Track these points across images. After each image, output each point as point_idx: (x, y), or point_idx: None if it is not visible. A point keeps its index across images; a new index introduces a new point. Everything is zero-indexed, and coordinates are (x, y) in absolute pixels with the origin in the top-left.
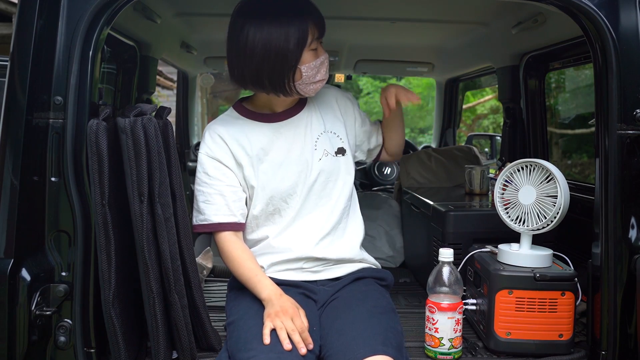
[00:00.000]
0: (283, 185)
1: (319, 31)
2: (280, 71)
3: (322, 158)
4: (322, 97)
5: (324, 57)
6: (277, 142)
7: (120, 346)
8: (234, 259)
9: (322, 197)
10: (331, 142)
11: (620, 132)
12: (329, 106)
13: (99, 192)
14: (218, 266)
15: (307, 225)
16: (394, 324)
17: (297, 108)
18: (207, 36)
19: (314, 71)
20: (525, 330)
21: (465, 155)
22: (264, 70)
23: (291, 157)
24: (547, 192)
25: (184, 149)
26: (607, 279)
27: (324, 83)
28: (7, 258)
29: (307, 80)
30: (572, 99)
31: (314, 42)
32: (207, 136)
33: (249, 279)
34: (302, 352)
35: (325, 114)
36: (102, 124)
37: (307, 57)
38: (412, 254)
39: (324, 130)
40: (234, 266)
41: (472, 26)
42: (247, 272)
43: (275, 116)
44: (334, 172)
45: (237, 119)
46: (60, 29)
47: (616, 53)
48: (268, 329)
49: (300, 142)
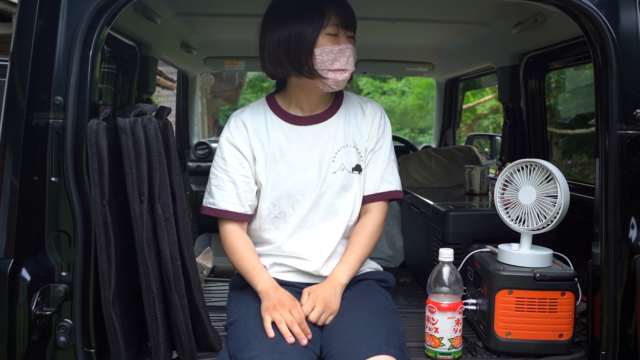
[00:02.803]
0: (293, 189)
1: (341, 19)
2: (297, 52)
3: (336, 172)
4: (356, 109)
5: (345, 46)
6: (297, 145)
7: (120, 346)
8: (235, 250)
9: (330, 211)
10: (350, 157)
11: (620, 132)
12: (361, 121)
13: (99, 192)
14: (218, 266)
15: (313, 240)
16: (397, 325)
17: (324, 115)
18: (207, 36)
19: (330, 56)
20: (525, 330)
21: (465, 155)
22: (288, 49)
23: (307, 164)
24: (547, 192)
25: (184, 149)
26: (607, 279)
27: (345, 75)
28: (7, 258)
29: (322, 66)
30: (572, 99)
31: (334, 28)
32: (232, 121)
33: (247, 270)
34: (304, 343)
35: (352, 128)
36: (102, 124)
37: (322, 41)
38: (412, 254)
39: (346, 144)
40: (234, 256)
41: (472, 26)
42: (246, 263)
43: (301, 119)
44: (346, 187)
45: (265, 111)
46: (60, 29)
47: (616, 53)
48: (269, 322)
49: (319, 150)
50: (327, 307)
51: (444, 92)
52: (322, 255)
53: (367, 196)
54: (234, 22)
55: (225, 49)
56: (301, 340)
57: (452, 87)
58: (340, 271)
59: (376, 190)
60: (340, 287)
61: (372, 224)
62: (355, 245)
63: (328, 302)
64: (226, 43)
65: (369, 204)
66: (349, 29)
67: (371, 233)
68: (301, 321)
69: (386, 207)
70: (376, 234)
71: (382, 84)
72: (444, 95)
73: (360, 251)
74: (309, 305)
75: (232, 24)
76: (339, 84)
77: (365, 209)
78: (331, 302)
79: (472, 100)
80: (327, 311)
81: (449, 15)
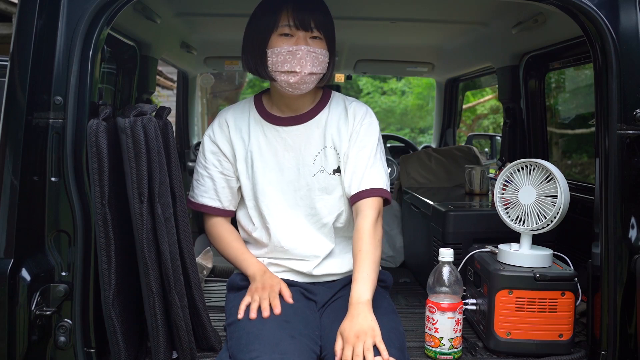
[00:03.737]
0: (269, 189)
1: (297, 20)
2: (254, 53)
3: (316, 174)
4: (340, 110)
5: (297, 48)
6: (275, 146)
7: (120, 346)
8: (221, 239)
9: (312, 214)
10: (330, 160)
11: (620, 132)
12: (343, 122)
13: (99, 192)
14: (218, 266)
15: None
16: (396, 325)
17: (306, 116)
18: (207, 36)
19: (279, 58)
20: (525, 330)
21: (465, 155)
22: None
23: (283, 164)
24: (547, 192)
25: (184, 149)
26: (607, 279)
27: (296, 78)
28: (7, 258)
29: (273, 67)
30: (572, 99)
31: (286, 28)
32: (216, 120)
33: (235, 257)
34: (265, 314)
35: (333, 129)
36: (102, 124)
37: (275, 42)
38: (412, 254)
39: (325, 146)
40: (221, 246)
41: (472, 26)
42: (234, 251)
43: (281, 120)
44: (327, 190)
45: (250, 110)
46: (60, 29)
47: (616, 53)
48: (244, 304)
49: (297, 152)
50: (361, 335)
51: (444, 92)
52: (315, 257)
53: (352, 196)
54: (234, 22)
55: (225, 49)
56: (263, 312)
57: (452, 87)
58: (357, 291)
59: (358, 188)
60: (365, 305)
61: (366, 226)
62: (358, 256)
63: (358, 332)
64: (226, 43)
65: (358, 204)
66: (309, 29)
67: (369, 235)
68: (273, 297)
69: (377, 204)
70: (374, 234)
71: (382, 84)
72: (444, 95)
73: (368, 259)
74: (338, 347)
75: (232, 24)
76: (293, 86)
77: (356, 209)
78: (362, 327)
79: (472, 100)
80: (362, 337)
81: (449, 15)
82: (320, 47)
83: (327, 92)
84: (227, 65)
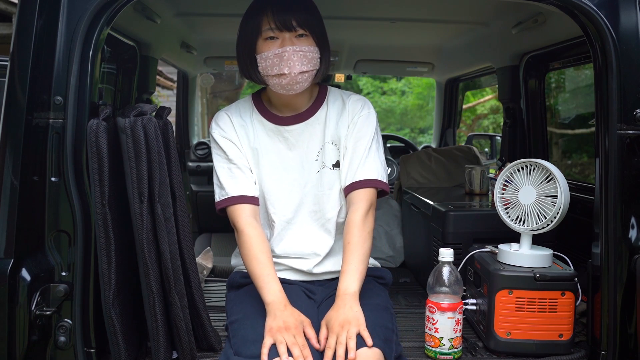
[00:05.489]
0: (275, 188)
1: (279, 21)
2: (245, 60)
3: (319, 170)
4: (338, 104)
5: (282, 50)
6: (278, 145)
7: (120, 346)
8: (250, 248)
9: (316, 210)
10: (331, 154)
11: (620, 132)
12: (341, 115)
13: (99, 192)
14: (218, 266)
15: (304, 239)
16: (384, 322)
17: (305, 114)
18: (207, 36)
19: (268, 62)
20: (525, 330)
21: (465, 155)
22: (240, 58)
23: (288, 164)
24: (547, 192)
25: (184, 149)
26: (607, 279)
27: (287, 79)
28: (7, 258)
29: (265, 72)
30: (572, 99)
31: (270, 32)
32: (219, 118)
33: (257, 276)
34: None
35: (332, 124)
36: (102, 124)
37: (263, 47)
38: (412, 254)
39: (325, 142)
40: (248, 257)
41: (472, 26)
42: (258, 268)
43: (283, 119)
44: (330, 185)
45: (251, 108)
46: (60, 29)
47: (616, 53)
48: (267, 347)
49: (301, 150)
50: (345, 325)
51: (444, 92)
52: (316, 254)
53: (346, 187)
54: (234, 22)
55: (225, 49)
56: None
57: (452, 87)
58: (344, 283)
59: (352, 179)
60: (351, 297)
61: (355, 218)
62: (347, 248)
63: (342, 322)
64: (226, 43)
65: (350, 195)
66: (292, 29)
67: (358, 228)
68: (304, 346)
69: (369, 195)
70: (363, 226)
71: (382, 84)
72: (444, 95)
73: (357, 252)
74: (322, 337)
75: (232, 24)
76: (286, 88)
77: (348, 201)
78: (347, 317)
79: (472, 100)
80: (346, 327)
81: (449, 15)
82: (308, 44)
83: (324, 87)
84: (227, 65)
